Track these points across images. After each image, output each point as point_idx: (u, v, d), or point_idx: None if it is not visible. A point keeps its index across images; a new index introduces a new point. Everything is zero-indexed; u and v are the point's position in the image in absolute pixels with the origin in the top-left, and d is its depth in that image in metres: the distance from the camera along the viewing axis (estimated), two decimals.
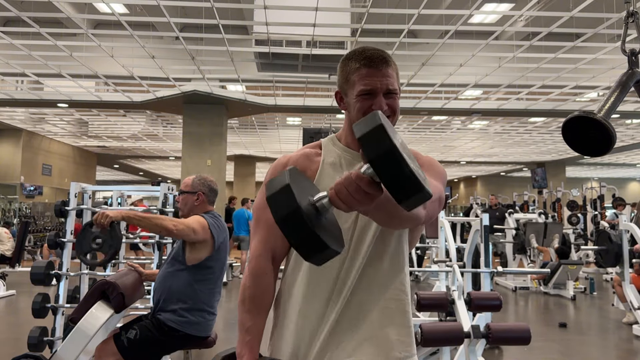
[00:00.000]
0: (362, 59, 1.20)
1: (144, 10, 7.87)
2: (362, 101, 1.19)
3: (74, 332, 2.55)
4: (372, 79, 1.18)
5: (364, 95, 1.19)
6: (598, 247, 6.38)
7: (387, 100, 1.20)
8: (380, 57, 1.19)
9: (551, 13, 6.90)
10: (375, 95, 1.19)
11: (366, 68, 1.19)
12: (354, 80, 1.20)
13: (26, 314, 4.08)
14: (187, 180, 2.83)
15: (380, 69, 1.19)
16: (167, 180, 29.48)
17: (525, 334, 2.79)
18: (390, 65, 1.21)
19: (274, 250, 1.27)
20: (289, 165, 1.25)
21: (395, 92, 1.21)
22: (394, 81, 1.21)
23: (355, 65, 1.20)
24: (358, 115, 1.19)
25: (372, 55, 1.19)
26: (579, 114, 1.45)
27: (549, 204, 13.13)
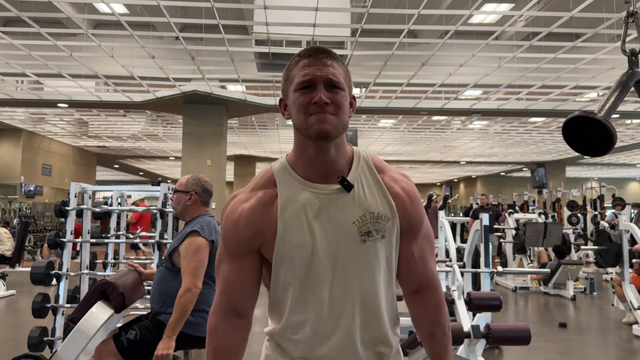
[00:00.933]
0: (304, 51, 1.10)
1: (144, 10, 7.87)
2: (301, 95, 1.06)
3: (74, 332, 2.55)
4: (311, 68, 1.06)
5: (303, 89, 1.06)
6: (598, 247, 6.38)
7: (330, 93, 1.05)
8: (323, 49, 1.09)
9: (551, 13, 6.90)
10: (314, 86, 1.05)
11: (306, 58, 1.08)
12: (293, 75, 1.09)
13: (26, 314, 4.08)
14: (182, 179, 2.82)
15: (320, 57, 1.07)
16: (167, 180, 29.48)
17: (525, 334, 2.79)
18: (335, 59, 1.08)
19: (233, 305, 1.16)
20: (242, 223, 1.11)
21: (340, 86, 1.06)
22: (337, 73, 1.07)
23: (295, 59, 1.10)
24: (298, 114, 1.06)
25: (315, 47, 1.09)
26: (579, 113, 1.45)
27: (549, 204, 13.13)
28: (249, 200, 1.13)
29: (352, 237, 1.09)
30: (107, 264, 4.49)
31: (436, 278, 1.22)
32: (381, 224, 1.11)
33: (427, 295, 1.21)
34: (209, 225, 2.65)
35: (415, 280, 1.20)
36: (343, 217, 1.09)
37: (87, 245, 4.07)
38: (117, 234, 4.77)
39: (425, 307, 1.21)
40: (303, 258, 1.09)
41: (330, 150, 1.09)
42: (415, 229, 1.18)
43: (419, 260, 1.18)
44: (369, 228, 1.09)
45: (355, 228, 1.09)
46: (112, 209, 4.32)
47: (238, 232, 1.12)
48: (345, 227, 1.09)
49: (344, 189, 1.10)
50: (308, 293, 1.10)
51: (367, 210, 1.10)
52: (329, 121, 1.05)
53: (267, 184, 1.14)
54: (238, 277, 1.14)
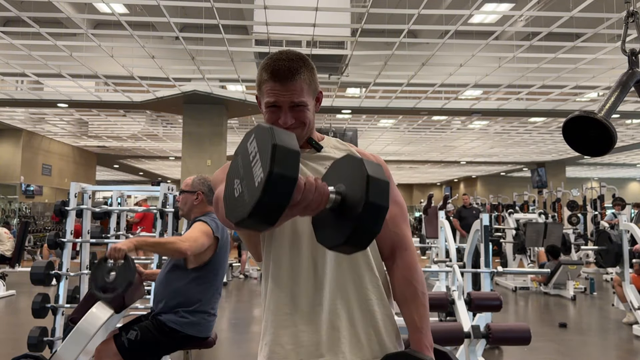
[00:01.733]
0: (270, 71, 1.20)
1: (144, 10, 7.87)
2: (269, 113, 1.22)
3: (74, 332, 2.55)
4: (276, 92, 1.20)
5: (271, 108, 1.22)
6: (598, 247, 6.38)
7: (293, 112, 1.21)
8: (286, 70, 1.19)
9: (551, 13, 6.90)
10: (280, 108, 1.21)
11: (272, 82, 1.20)
12: (263, 91, 1.23)
13: (26, 314, 4.08)
14: (187, 180, 2.84)
15: (285, 83, 1.19)
16: (167, 180, 29.48)
17: (525, 334, 2.79)
18: (296, 78, 1.20)
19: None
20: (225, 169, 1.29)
21: (302, 104, 1.21)
22: (300, 94, 1.20)
23: (264, 76, 1.22)
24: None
25: (279, 68, 1.19)
26: (579, 113, 1.45)
27: (549, 204, 13.13)
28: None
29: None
30: None
31: (408, 240, 1.31)
32: None
33: (398, 255, 1.29)
34: (215, 222, 2.69)
35: (388, 243, 1.29)
36: (315, 168, 1.28)
37: (87, 245, 4.07)
38: (117, 234, 4.77)
39: (397, 268, 1.28)
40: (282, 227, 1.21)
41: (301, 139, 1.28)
42: None
43: (389, 221, 1.26)
44: None
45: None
46: (112, 209, 4.32)
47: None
48: (317, 171, 1.27)
49: (316, 149, 1.30)
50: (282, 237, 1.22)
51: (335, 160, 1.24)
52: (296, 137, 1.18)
53: None
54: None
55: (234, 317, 6.11)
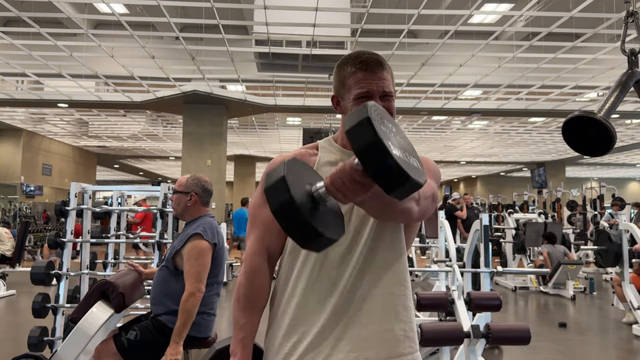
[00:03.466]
0: (358, 62, 1.22)
1: (144, 10, 7.87)
2: (358, 104, 1.20)
3: (74, 332, 2.55)
4: (368, 82, 1.21)
5: (361, 99, 1.21)
6: (598, 247, 6.38)
7: (383, 102, 1.21)
8: (375, 61, 1.22)
9: (551, 13, 6.90)
10: (371, 97, 1.21)
11: (362, 72, 1.21)
12: (350, 84, 1.23)
13: (26, 314, 4.08)
14: (181, 179, 2.79)
15: (376, 72, 1.21)
16: (167, 180, 29.48)
17: (525, 334, 2.79)
18: (385, 69, 1.23)
19: (269, 248, 1.28)
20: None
21: (391, 95, 1.23)
22: (389, 84, 1.23)
23: (351, 69, 1.23)
24: None
25: (368, 59, 1.22)
26: (579, 113, 1.46)
27: (549, 204, 13.13)
28: (292, 154, 1.30)
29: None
30: (107, 264, 4.49)
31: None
32: None
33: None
34: (211, 228, 2.63)
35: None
36: None
37: (87, 245, 4.07)
38: (117, 234, 4.77)
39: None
40: None
41: None
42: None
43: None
44: None
45: None
46: (112, 209, 4.32)
47: None
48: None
49: None
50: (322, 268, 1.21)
51: None
52: None
53: (311, 148, 1.34)
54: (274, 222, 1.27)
55: None
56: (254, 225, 1.30)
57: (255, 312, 1.26)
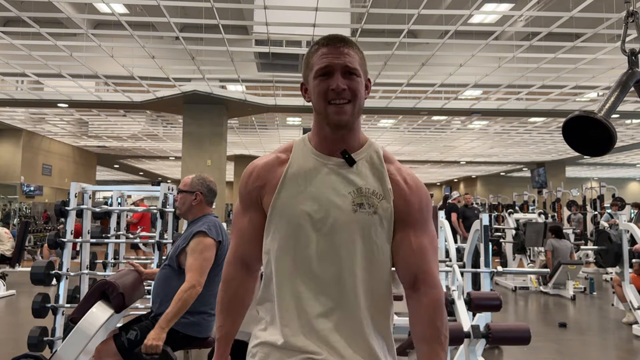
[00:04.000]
0: (322, 39, 1.18)
1: (144, 10, 7.87)
2: (320, 83, 1.15)
3: (74, 332, 2.55)
4: (329, 56, 1.14)
5: (322, 76, 1.15)
6: (598, 247, 6.37)
7: (347, 80, 1.14)
8: (340, 37, 1.17)
9: (551, 13, 6.90)
10: (332, 73, 1.14)
11: (324, 47, 1.16)
12: (312, 62, 1.17)
13: (26, 314, 4.08)
14: (186, 179, 2.80)
15: (338, 46, 1.15)
16: (167, 180, 29.48)
17: (525, 334, 2.79)
18: (351, 46, 1.16)
19: (242, 257, 1.29)
20: (253, 175, 1.24)
21: (356, 73, 1.15)
22: (353, 60, 1.15)
23: (315, 47, 1.18)
24: (318, 101, 1.16)
25: (333, 35, 1.18)
26: (579, 113, 1.46)
27: (549, 204, 13.13)
28: (263, 160, 1.27)
29: (345, 205, 1.16)
30: (107, 264, 4.49)
31: (435, 276, 1.20)
32: (374, 199, 1.17)
33: (423, 292, 1.18)
34: (215, 226, 2.64)
35: (411, 272, 1.19)
36: (340, 186, 1.17)
37: (87, 245, 4.07)
38: (117, 234, 4.77)
39: (420, 304, 1.18)
40: (293, 215, 1.16)
41: (343, 132, 1.19)
42: (413, 218, 1.19)
43: (416, 251, 1.18)
44: (362, 201, 1.16)
45: (350, 198, 1.16)
46: (112, 209, 4.32)
47: (249, 184, 1.25)
48: (340, 194, 1.16)
49: (347, 164, 1.19)
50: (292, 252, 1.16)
51: (365, 185, 1.17)
52: (346, 112, 1.15)
53: (285, 150, 1.26)
54: (248, 228, 1.26)
55: None
56: (233, 233, 1.31)
57: (231, 316, 1.30)
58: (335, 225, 1.15)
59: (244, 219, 1.27)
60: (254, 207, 1.24)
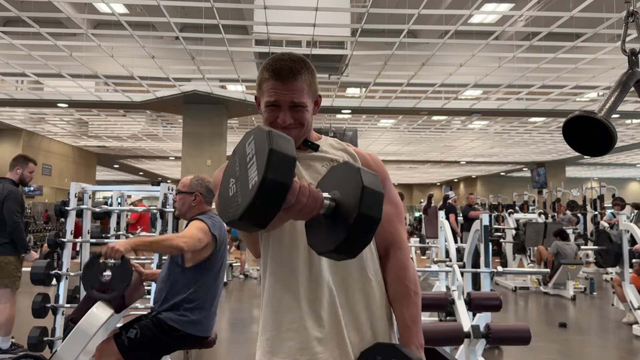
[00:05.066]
0: (272, 70, 1.22)
1: (144, 10, 7.87)
2: (269, 112, 1.23)
3: (74, 332, 2.55)
4: (277, 91, 1.21)
5: (271, 107, 1.22)
6: (598, 247, 6.37)
7: (293, 112, 1.22)
8: (288, 70, 1.21)
9: (551, 13, 6.90)
10: (280, 107, 1.22)
11: (273, 80, 1.21)
12: (263, 90, 1.24)
13: (26, 314, 4.08)
14: (184, 180, 2.83)
15: (286, 83, 1.20)
16: (167, 180, 29.47)
17: (525, 334, 2.79)
18: (297, 79, 1.21)
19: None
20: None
21: (302, 105, 1.22)
22: (301, 93, 1.22)
23: (265, 75, 1.23)
24: (267, 124, 1.23)
25: (281, 67, 1.21)
26: (579, 113, 1.45)
27: (549, 204, 13.12)
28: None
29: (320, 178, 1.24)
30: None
31: (402, 239, 1.32)
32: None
33: (392, 254, 1.30)
34: (212, 219, 2.70)
35: (383, 242, 1.30)
36: (313, 165, 1.29)
37: (87, 245, 4.07)
38: (117, 234, 4.77)
39: (390, 267, 1.29)
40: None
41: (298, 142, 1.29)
42: None
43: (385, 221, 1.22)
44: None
45: (325, 170, 1.27)
46: (112, 209, 4.32)
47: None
48: (314, 170, 1.28)
49: (312, 150, 1.31)
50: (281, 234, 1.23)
51: (333, 160, 1.30)
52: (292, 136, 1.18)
53: None
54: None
55: (234, 317, 6.10)
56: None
57: None
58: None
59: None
60: None
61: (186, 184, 2.79)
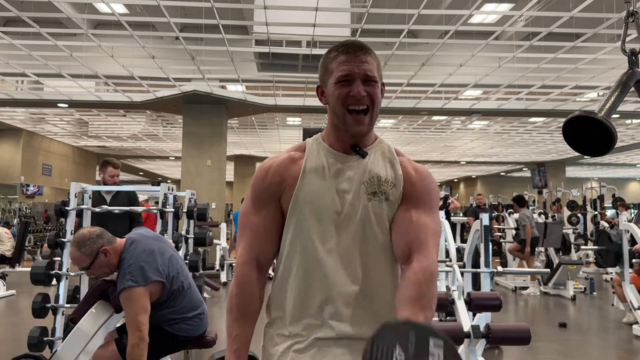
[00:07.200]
0: (341, 46, 1.22)
1: (144, 10, 7.87)
2: (340, 88, 1.20)
3: (74, 332, 2.55)
4: (350, 64, 1.19)
5: (342, 82, 1.20)
6: (598, 247, 6.37)
7: (366, 87, 1.20)
8: (359, 45, 1.21)
9: (551, 13, 6.90)
10: (352, 80, 1.19)
11: (344, 54, 1.20)
12: (332, 68, 1.22)
13: (26, 314, 4.08)
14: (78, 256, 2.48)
15: (358, 55, 1.20)
16: (167, 180, 29.48)
17: (525, 334, 2.79)
18: (369, 54, 1.22)
19: (258, 256, 1.26)
20: (271, 171, 1.27)
21: (374, 80, 1.21)
22: (372, 68, 1.21)
23: (334, 54, 1.23)
24: (337, 104, 1.21)
25: (351, 43, 1.22)
26: (579, 113, 1.46)
27: (549, 204, 13.12)
28: (278, 157, 1.30)
29: (360, 194, 1.24)
30: None
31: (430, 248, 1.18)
32: (386, 187, 1.25)
33: (415, 259, 1.16)
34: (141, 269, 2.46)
35: (408, 241, 1.19)
36: (355, 177, 1.25)
37: None
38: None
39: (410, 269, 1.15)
40: (315, 207, 1.23)
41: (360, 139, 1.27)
42: (416, 198, 1.25)
43: (415, 223, 1.21)
44: (375, 189, 1.24)
45: (364, 188, 1.24)
46: (112, 209, 4.32)
47: (267, 179, 1.27)
48: (355, 185, 1.24)
49: (360, 157, 1.26)
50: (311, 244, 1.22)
51: (376, 175, 1.25)
52: (364, 122, 1.22)
53: (298, 149, 1.31)
54: (263, 226, 1.27)
55: None
56: (244, 233, 1.28)
57: (248, 322, 1.24)
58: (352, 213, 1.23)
59: (256, 217, 1.27)
60: (270, 203, 1.26)
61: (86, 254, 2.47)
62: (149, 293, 2.45)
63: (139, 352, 2.36)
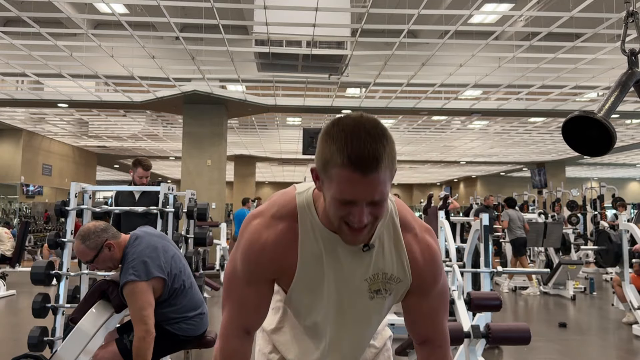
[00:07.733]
0: (348, 155, 0.94)
1: (144, 10, 7.87)
2: (339, 207, 0.99)
3: (74, 332, 2.55)
4: (356, 187, 0.95)
5: (343, 202, 0.99)
6: (598, 247, 6.37)
7: (371, 208, 0.99)
8: (370, 158, 0.94)
9: (551, 13, 6.90)
10: (356, 204, 0.98)
11: (349, 171, 0.94)
12: (332, 176, 0.97)
13: (26, 314, 4.08)
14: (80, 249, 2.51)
15: (367, 175, 0.94)
16: (167, 180, 29.47)
17: (525, 334, 2.79)
18: (380, 166, 0.94)
19: (245, 326, 1.21)
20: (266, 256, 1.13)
21: (382, 200, 0.99)
22: (383, 188, 0.96)
23: (338, 159, 0.95)
24: (334, 215, 1.02)
25: (361, 154, 0.93)
26: (579, 113, 1.46)
27: (549, 204, 13.12)
28: (269, 228, 1.14)
29: (362, 292, 1.17)
30: None
31: (444, 336, 1.24)
32: (391, 284, 1.17)
33: (431, 350, 1.24)
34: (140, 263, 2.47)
35: (422, 334, 1.25)
36: (357, 272, 1.15)
37: None
38: None
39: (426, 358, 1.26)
40: (310, 305, 1.20)
41: None
42: (426, 288, 1.20)
43: (427, 316, 1.22)
44: (379, 287, 1.16)
45: (367, 285, 1.16)
46: (112, 209, 4.32)
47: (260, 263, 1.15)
48: (357, 282, 1.15)
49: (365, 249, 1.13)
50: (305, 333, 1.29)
51: (382, 271, 1.15)
52: (363, 236, 1.05)
53: (289, 216, 1.14)
54: (254, 300, 1.20)
55: None
56: (229, 299, 1.20)
57: None
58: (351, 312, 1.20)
59: (246, 290, 1.18)
60: (261, 282, 1.18)
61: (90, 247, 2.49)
62: (151, 288, 2.47)
63: (145, 346, 2.37)
